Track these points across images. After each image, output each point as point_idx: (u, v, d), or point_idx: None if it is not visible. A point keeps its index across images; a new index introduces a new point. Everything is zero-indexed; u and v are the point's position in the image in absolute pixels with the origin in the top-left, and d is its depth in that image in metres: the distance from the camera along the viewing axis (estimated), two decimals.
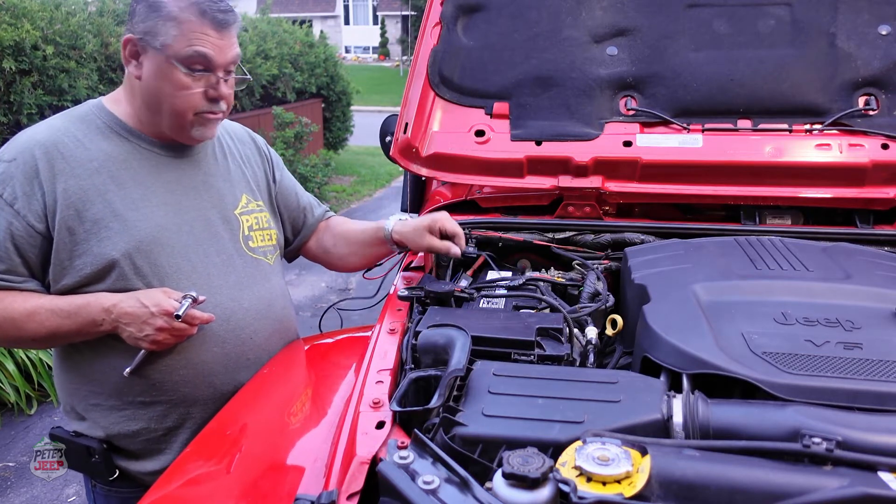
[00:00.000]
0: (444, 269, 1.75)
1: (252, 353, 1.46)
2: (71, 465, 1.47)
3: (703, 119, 1.82)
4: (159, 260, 1.36)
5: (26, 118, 3.94)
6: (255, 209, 1.55)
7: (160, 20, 1.29)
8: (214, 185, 1.49)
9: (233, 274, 1.45)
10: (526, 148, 1.83)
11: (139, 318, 1.28)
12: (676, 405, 0.91)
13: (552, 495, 0.72)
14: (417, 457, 0.81)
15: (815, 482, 0.73)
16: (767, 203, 1.80)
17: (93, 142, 1.36)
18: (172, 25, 1.29)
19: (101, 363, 1.38)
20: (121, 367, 1.35)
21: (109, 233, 1.32)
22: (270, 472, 1.11)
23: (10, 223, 1.29)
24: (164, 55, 1.30)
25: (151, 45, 1.31)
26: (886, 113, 1.77)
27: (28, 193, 1.29)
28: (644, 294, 1.27)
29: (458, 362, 1.02)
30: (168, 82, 1.32)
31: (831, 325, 1.08)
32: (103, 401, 1.40)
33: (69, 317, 1.30)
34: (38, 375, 3.47)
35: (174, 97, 1.33)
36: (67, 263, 1.32)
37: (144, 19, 1.30)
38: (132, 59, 1.34)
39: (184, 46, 1.30)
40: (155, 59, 1.31)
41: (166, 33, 1.29)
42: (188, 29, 1.30)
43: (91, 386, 1.40)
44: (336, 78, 8.88)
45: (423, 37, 1.95)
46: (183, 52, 1.30)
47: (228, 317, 1.41)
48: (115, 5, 4.96)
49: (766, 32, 1.83)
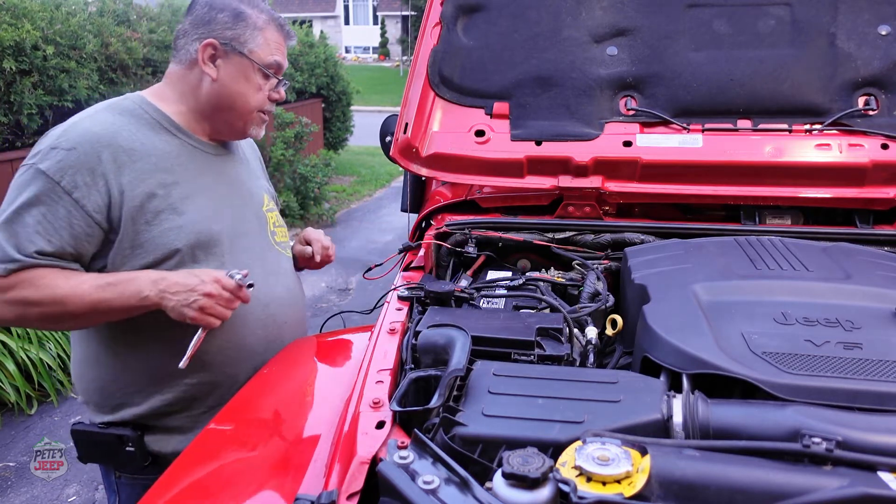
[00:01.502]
0: (444, 269, 1.75)
1: (287, 337, 1.58)
2: (93, 459, 1.49)
3: (703, 119, 1.82)
4: (214, 251, 1.44)
5: (26, 118, 3.93)
6: (273, 207, 1.67)
7: (247, 29, 1.45)
8: (246, 182, 1.60)
9: (267, 265, 1.55)
10: (526, 148, 1.83)
11: (187, 285, 1.32)
12: (676, 405, 0.91)
13: (552, 495, 0.72)
14: (417, 457, 0.82)
15: (815, 482, 0.73)
16: (767, 203, 1.80)
17: (147, 136, 1.41)
18: (258, 35, 1.46)
19: (143, 352, 1.42)
20: (167, 354, 1.38)
21: (171, 224, 1.38)
22: (271, 472, 1.11)
23: (70, 212, 1.30)
24: (250, 60, 1.45)
25: (237, 51, 1.44)
26: (886, 113, 1.77)
27: (89, 184, 1.31)
28: (644, 294, 1.27)
29: (458, 362, 1.02)
30: (248, 83, 1.47)
31: (831, 325, 1.08)
32: (145, 387, 1.44)
33: (113, 288, 1.31)
34: (38, 375, 3.47)
35: (248, 97, 1.47)
36: (129, 252, 1.36)
37: (232, 27, 1.44)
38: (210, 62, 1.44)
39: (267, 54, 1.48)
40: (239, 62, 1.45)
41: (254, 41, 1.46)
42: (271, 39, 1.48)
43: (132, 376, 1.44)
44: (336, 78, 8.87)
45: (423, 37, 1.95)
46: (266, 59, 1.48)
47: (267, 303, 1.52)
48: (116, 5, 4.96)
49: (766, 32, 1.83)
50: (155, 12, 5.31)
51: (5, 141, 3.99)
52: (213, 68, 1.44)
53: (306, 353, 1.57)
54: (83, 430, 1.47)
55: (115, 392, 1.45)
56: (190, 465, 1.11)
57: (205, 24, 1.44)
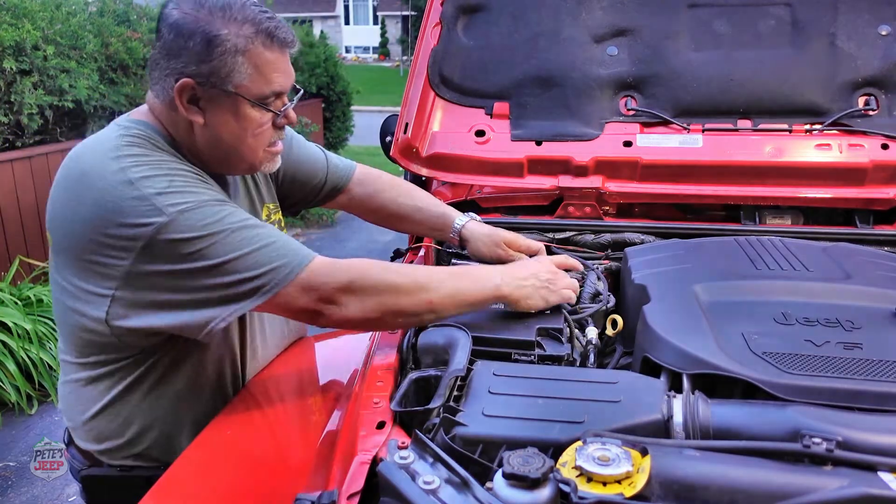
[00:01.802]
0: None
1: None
2: (106, 501, 1.33)
3: (703, 119, 1.82)
4: None
5: (26, 118, 3.93)
6: (276, 221, 1.50)
7: (227, 56, 1.11)
8: (249, 195, 1.42)
9: None
10: (526, 148, 1.83)
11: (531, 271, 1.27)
12: (677, 405, 0.91)
13: (552, 495, 0.72)
14: (418, 457, 0.82)
15: (816, 482, 0.73)
16: (767, 203, 1.80)
17: (180, 161, 1.19)
18: (243, 61, 1.12)
19: (194, 377, 1.28)
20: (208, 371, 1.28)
21: None
22: (271, 472, 1.11)
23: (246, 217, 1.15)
24: (238, 96, 1.14)
25: (220, 88, 1.13)
26: (886, 113, 1.77)
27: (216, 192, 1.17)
28: (644, 294, 1.27)
29: (459, 362, 1.02)
30: (244, 122, 1.17)
31: (831, 326, 1.08)
32: (193, 407, 1.29)
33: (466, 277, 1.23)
34: (38, 375, 3.46)
35: (247, 138, 1.19)
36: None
37: (205, 58, 1.10)
38: (192, 105, 1.15)
39: (261, 86, 1.15)
40: (225, 102, 1.15)
41: (239, 72, 1.12)
42: (262, 62, 1.14)
43: (185, 405, 1.28)
44: (336, 78, 8.87)
45: (423, 37, 1.95)
46: (261, 90, 1.15)
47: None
48: (116, 5, 4.96)
49: (767, 32, 1.83)
50: (155, 12, 5.31)
51: (5, 141, 3.99)
52: (198, 112, 1.15)
53: (307, 354, 1.57)
54: (100, 476, 1.29)
55: (136, 426, 1.27)
56: (190, 466, 1.11)
57: (174, 55, 1.12)
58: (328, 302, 1.14)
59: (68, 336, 1.25)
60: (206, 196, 1.12)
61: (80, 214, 1.11)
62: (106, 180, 1.09)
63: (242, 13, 1.13)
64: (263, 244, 1.11)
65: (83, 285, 1.15)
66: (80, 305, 1.17)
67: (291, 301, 1.13)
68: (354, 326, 1.22)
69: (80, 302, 1.16)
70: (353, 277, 1.14)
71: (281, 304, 1.13)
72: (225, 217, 1.11)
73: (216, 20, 1.11)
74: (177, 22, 1.11)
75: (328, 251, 6.16)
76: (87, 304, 1.15)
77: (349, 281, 1.14)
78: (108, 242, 1.09)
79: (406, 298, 1.16)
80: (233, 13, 1.12)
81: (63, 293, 1.19)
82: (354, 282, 1.14)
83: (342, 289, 1.14)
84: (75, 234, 1.12)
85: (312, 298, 1.13)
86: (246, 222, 1.13)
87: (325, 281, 1.13)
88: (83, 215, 1.10)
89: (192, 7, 1.12)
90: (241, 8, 1.13)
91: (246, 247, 1.10)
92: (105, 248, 1.09)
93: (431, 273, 1.22)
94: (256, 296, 1.11)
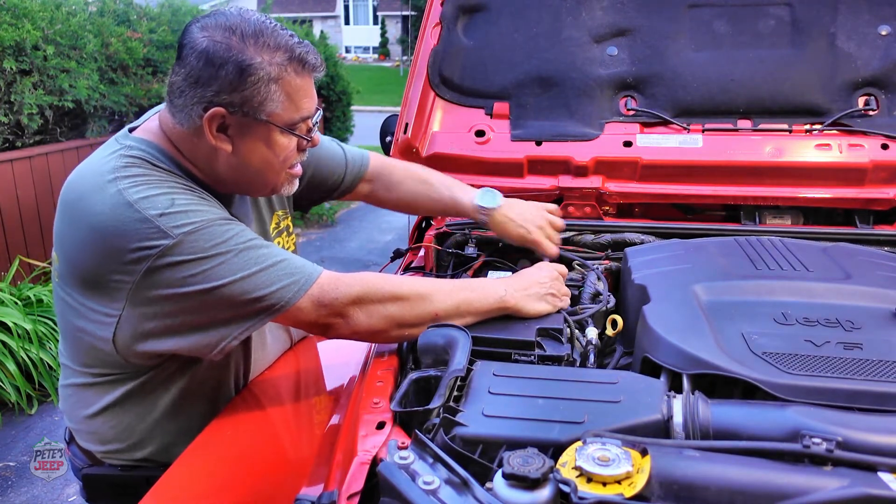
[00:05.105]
0: (444, 269, 1.75)
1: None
2: (107, 501, 1.34)
3: (703, 119, 1.82)
4: None
5: (26, 118, 3.94)
6: (282, 227, 1.50)
7: (261, 85, 1.09)
8: (256, 204, 1.41)
9: None
10: (526, 148, 1.83)
11: (533, 279, 1.29)
12: (676, 405, 0.91)
13: (552, 496, 0.72)
14: (418, 457, 0.81)
15: (816, 483, 0.73)
16: (767, 203, 1.80)
17: (181, 179, 1.18)
18: (276, 90, 1.10)
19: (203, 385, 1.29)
20: (211, 380, 1.28)
21: None
22: (271, 472, 1.11)
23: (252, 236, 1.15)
24: (271, 124, 1.13)
25: (252, 116, 1.11)
26: (886, 113, 1.77)
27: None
28: (644, 294, 1.27)
29: (459, 362, 1.02)
30: (274, 148, 1.16)
31: (831, 326, 1.08)
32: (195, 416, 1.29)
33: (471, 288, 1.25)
34: (38, 375, 3.47)
35: (275, 164, 1.18)
36: None
37: (238, 87, 1.08)
38: (221, 133, 1.13)
39: (292, 112, 1.14)
40: (256, 130, 1.13)
41: (272, 100, 1.11)
42: (293, 89, 1.12)
43: (187, 413, 1.28)
44: (336, 78, 8.86)
45: (423, 37, 1.95)
46: (292, 118, 1.14)
47: None
48: (116, 5, 4.96)
49: (766, 32, 1.83)
50: (155, 12, 5.32)
51: (5, 141, 3.99)
52: (227, 140, 1.13)
53: (307, 354, 1.57)
54: (101, 475, 1.30)
55: (139, 431, 1.28)
56: (191, 466, 1.11)
57: (203, 84, 1.08)
58: (337, 316, 1.16)
59: (72, 347, 1.25)
60: (212, 215, 1.11)
61: (81, 239, 1.10)
62: (105, 204, 1.07)
63: (275, 40, 1.10)
64: (271, 263, 1.12)
65: (90, 304, 1.14)
66: (86, 324, 1.16)
67: (302, 316, 1.14)
68: (362, 338, 1.23)
69: (86, 321, 1.16)
70: (360, 292, 1.16)
71: (291, 319, 1.15)
72: (232, 237, 1.10)
73: (248, 48, 1.08)
74: (207, 50, 1.07)
75: (328, 251, 6.14)
76: (94, 323, 1.15)
77: (357, 295, 1.16)
78: (112, 267, 1.08)
79: (412, 311, 1.18)
80: (265, 39, 1.09)
81: (68, 310, 1.19)
82: (362, 296, 1.16)
83: (351, 303, 1.16)
84: (79, 259, 1.12)
85: (322, 314, 1.15)
86: (252, 242, 1.13)
87: (335, 297, 1.15)
88: (84, 240, 1.09)
89: (223, 34, 1.08)
90: (273, 34, 1.10)
91: (254, 266, 1.10)
92: (110, 272, 1.08)
93: (437, 285, 1.23)
94: (267, 314, 1.12)
